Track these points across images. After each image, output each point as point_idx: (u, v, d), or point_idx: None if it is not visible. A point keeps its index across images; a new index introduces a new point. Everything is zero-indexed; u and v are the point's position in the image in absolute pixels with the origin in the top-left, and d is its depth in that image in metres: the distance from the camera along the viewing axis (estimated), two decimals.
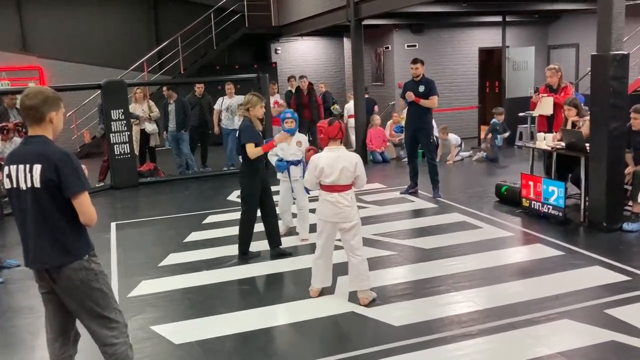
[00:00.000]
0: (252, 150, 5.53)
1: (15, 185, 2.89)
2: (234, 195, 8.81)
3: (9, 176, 2.90)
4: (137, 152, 10.52)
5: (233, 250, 5.98)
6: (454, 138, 11.22)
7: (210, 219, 7.58)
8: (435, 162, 8.29)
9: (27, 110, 2.90)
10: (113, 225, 7.36)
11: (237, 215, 7.65)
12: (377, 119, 11.68)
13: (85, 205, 2.87)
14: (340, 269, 5.27)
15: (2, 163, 5.85)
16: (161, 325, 4.44)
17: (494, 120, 11.11)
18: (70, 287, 2.92)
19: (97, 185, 9.82)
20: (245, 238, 5.80)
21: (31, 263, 2.95)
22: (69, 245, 2.91)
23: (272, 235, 5.87)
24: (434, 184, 8.16)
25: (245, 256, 5.81)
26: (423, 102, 7.91)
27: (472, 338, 3.98)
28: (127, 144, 9.86)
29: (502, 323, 4.17)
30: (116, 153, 9.80)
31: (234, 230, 6.89)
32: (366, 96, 12.03)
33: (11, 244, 6.87)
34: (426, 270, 5.33)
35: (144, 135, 10.65)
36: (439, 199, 7.99)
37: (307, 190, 6.18)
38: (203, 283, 5.29)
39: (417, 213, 7.50)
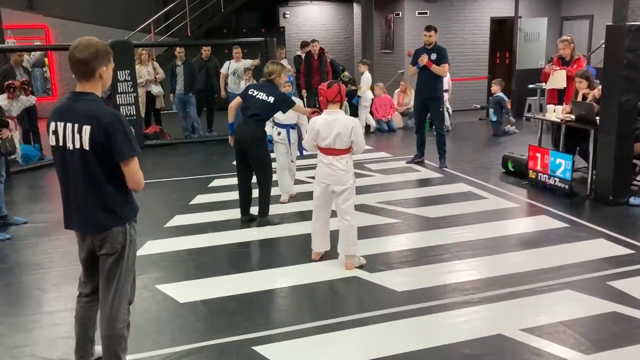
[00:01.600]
0: (303, 109, 6.33)
1: (62, 144, 2.78)
2: None
3: (55, 133, 2.79)
4: (142, 114, 10.49)
5: (239, 213, 5.99)
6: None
7: (216, 182, 7.60)
8: (444, 132, 8.24)
9: (78, 64, 2.73)
10: None
11: None
12: (380, 87, 11.55)
13: (134, 171, 2.79)
14: None
15: (9, 120, 5.86)
16: (166, 284, 4.49)
17: (499, 94, 10.80)
18: (111, 251, 2.88)
19: None
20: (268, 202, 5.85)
21: (77, 226, 2.89)
22: (117, 209, 2.85)
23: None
24: (440, 154, 8.13)
25: (266, 218, 5.82)
26: (434, 68, 7.82)
27: (473, 305, 4.01)
28: (134, 106, 9.81)
29: (504, 292, 4.20)
30: (122, 114, 9.75)
31: None
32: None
33: (18, 202, 6.92)
34: (430, 239, 5.34)
35: (150, 97, 10.60)
36: (445, 169, 7.96)
37: (301, 152, 6.39)
38: (208, 245, 5.32)
39: (423, 182, 7.49)
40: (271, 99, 5.60)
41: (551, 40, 13.03)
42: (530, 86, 11.49)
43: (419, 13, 13.46)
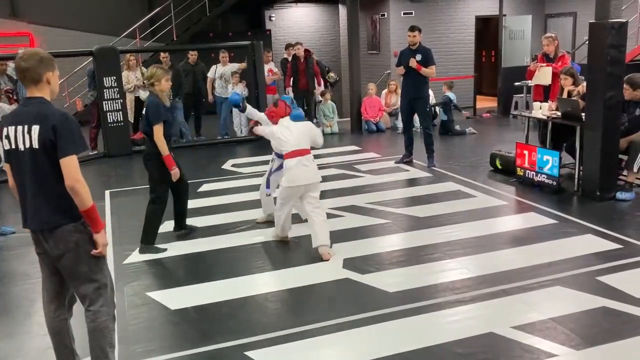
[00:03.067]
0: (160, 136, 5.04)
1: (14, 146, 2.89)
2: (229, 164, 8.79)
3: (8, 137, 2.89)
4: (132, 120, 10.44)
5: (228, 218, 5.99)
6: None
7: (205, 187, 7.57)
8: (431, 132, 8.27)
9: (24, 72, 2.88)
10: (107, 193, 7.33)
11: (232, 183, 7.70)
12: (372, 88, 11.60)
13: (70, 167, 2.83)
14: (339, 236, 5.34)
15: None
16: (157, 291, 4.47)
17: (448, 94, 10.89)
18: (63, 250, 2.92)
19: (90, 154, 9.76)
20: (154, 229, 5.30)
21: (29, 223, 2.96)
22: (66, 207, 2.89)
23: (183, 216, 5.71)
24: (429, 154, 8.15)
25: (150, 246, 5.26)
26: (424, 71, 7.85)
27: (465, 304, 4.03)
28: (120, 112, 9.76)
29: (495, 289, 4.22)
30: (109, 121, 9.72)
31: (230, 199, 6.93)
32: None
33: (6, 211, 6.86)
34: (420, 238, 5.36)
35: (139, 103, 10.54)
36: (433, 168, 7.99)
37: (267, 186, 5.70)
38: (198, 250, 5.30)
39: (412, 182, 7.51)
40: (145, 109, 5.24)
41: (536, 38, 13.12)
42: (516, 84, 11.57)
43: (404, 13, 13.51)
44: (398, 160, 8.46)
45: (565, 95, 7.07)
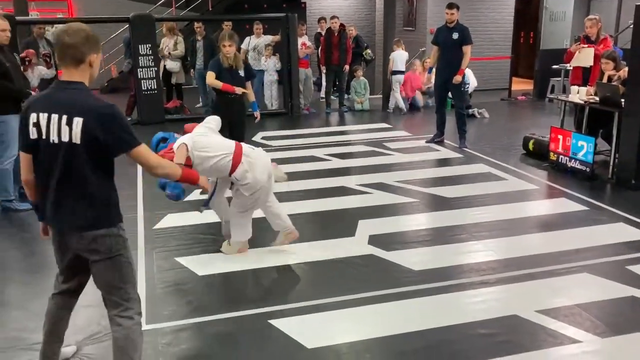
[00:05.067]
0: (211, 80, 5.93)
1: (44, 137, 2.50)
2: (259, 137, 8.83)
3: (37, 125, 2.51)
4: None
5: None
6: None
7: None
8: (464, 113, 8.16)
9: (67, 48, 2.50)
10: None
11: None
12: (418, 63, 11.43)
13: (144, 157, 2.60)
14: (365, 212, 5.35)
15: (32, 93, 5.92)
16: (185, 257, 4.55)
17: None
18: (96, 255, 2.63)
19: None
20: None
21: (53, 221, 2.64)
22: (100, 210, 2.59)
23: None
24: (460, 134, 8.06)
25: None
26: (463, 63, 7.75)
27: (490, 286, 4.02)
28: (155, 80, 9.86)
29: (521, 273, 4.19)
30: (143, 88, 9.82)
31: None
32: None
33: None
34: (447, 218, 5.33)
35: (166, 73, 10.62)
36: (464, 149, 7.91)
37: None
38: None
39: (442, 162, 7.45)
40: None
41: (577, 20, 12.73)
42: (554, 66, 11.29)
43: None
44: (429, 140, 8.39)
45: (605, 80, 6.88)
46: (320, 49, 11.06)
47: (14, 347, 3.33)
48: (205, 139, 4.22)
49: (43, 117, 2.49)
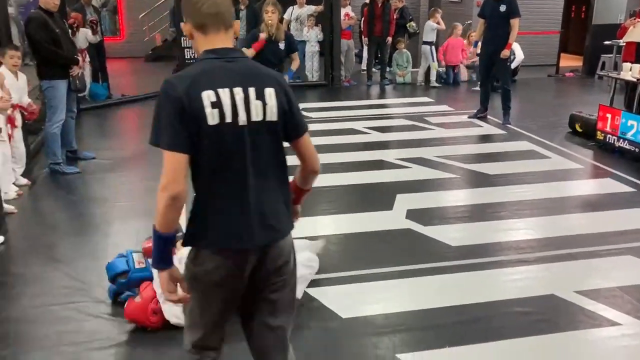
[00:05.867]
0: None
1: (229, 120, 1.87)
2: (302, 105, 8.81)
3: (218, 105, 1.86)
4: None
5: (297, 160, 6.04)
6: None
7: None
8: (509, 88, 7.96)
9: (217, 14, 1.97)
10: None
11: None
12: (459, 27, 11.16)
13: (312, 146, 2.10)
14: (404, 187, 5.33)
15: (80, 57, 6.03)
16: None
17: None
18: (278, 269, 2.04)
19: None
20: None
21: (250, 239, 1.93)
22: (289, 206, 2.08)
23: None
24: (504, 110, 7.89)
25: None
26: (511, 40, 7.52)
27: (528, 264, 3.97)
28: None
29: (561, 253, 4.12)
30: (186, 57, 9.90)
31: None
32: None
33: (86, 137, 7.21)
34: (488, 195, 5.26)
35: None
36: (508, 125, 7.74)
37: None
38: None
39: (484, 138, 7.33)
40: None
41: None
42: (606, 42, 10.86)
43: None
44: (472, 115, 8.24)
45: None
46: (362, 20, 10.91)
47: (61, 304, 3.46)
48: None
49: (224, 93, 1.88)
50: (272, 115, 1.95)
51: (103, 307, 3.40)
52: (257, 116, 1.92)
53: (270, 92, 1.95)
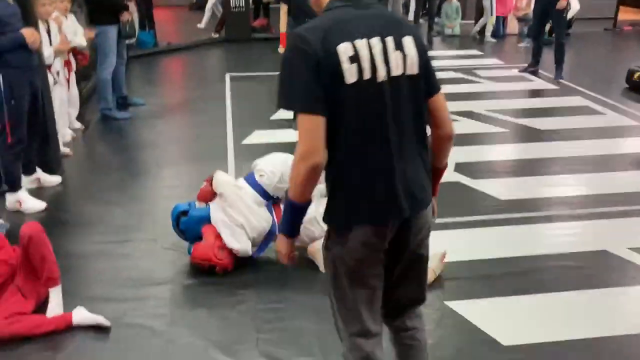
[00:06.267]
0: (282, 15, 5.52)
1: (368, 76, 1.65)
2: None
3: (357, 59, 1.64)
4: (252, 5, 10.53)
5: None
6: None
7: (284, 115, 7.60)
8: (563, 41, 7.65)
9: None
10: (227, 76, 7.60)
11: None
12: None
13: (447, 108, 1.85)
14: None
15: (129, 3, 6.05)
16: None
17: None
18: (423, 236, 1.89)
19: (213, 37, 10.06)
20: None
21: (400, 211, 1.75)
22: (430, 175, 1.87)
23: None
24: (557, 64, 7.61)
25: None
26: None
27: (579, 220, 3.90)
28: None
29: (614, 210, 4.02)
30: (232, 6, 9.85)
31: None
32: None
33: (135, 84, 7.32)
34: (538, 150, 5.15)
35: None
36: (561, 80, 7.49)
37: None
38: None
39: (535, 93, 7.12)
40: None
41: None
42: None
43: None
44: (523, 69, 8.00)
45: None
46: None
47: (118, 242, 3.60)
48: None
49: (362, 44, 1.65)
50: (413, 67, 1.71)
51: (158, 247, 3.52)
52: (397, 69, 1.68)
53: (409, 42, 1.71)
